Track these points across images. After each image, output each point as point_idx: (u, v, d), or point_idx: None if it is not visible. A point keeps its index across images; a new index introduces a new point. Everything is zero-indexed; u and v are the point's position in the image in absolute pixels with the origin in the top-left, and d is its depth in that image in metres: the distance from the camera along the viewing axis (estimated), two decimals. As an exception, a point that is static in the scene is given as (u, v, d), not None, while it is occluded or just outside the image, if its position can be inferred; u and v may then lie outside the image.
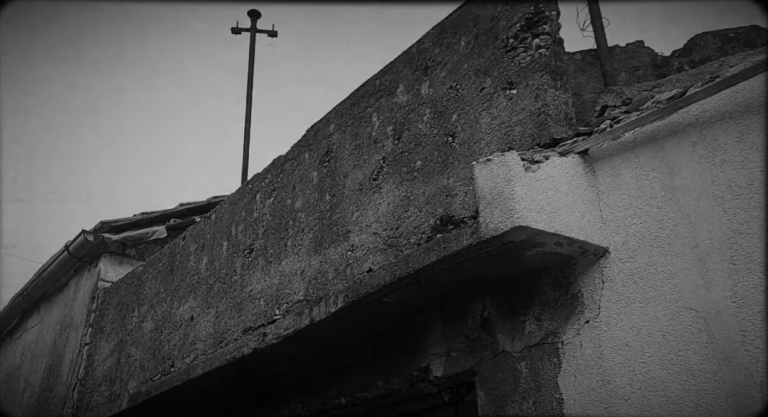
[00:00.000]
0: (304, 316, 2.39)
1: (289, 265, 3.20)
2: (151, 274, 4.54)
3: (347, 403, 2.51)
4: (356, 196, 2.89)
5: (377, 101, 2.93)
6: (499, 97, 2.29)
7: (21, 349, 6.17)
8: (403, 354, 2.31)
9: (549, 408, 1.74)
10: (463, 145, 2.40)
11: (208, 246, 3.99)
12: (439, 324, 2.20)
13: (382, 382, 2.37)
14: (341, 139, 3.11)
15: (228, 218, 3.89)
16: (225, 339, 3.47)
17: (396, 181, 2.68)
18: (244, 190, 3.83)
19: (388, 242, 2.64)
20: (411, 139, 2.66)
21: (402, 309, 2.22)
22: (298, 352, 2.59)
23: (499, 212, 1.69)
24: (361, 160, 2.92)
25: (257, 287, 3.38)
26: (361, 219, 2.82)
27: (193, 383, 2.98)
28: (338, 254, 2.88)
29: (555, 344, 1.78)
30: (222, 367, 2.76)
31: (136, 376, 4.20)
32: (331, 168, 3.12)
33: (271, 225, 3.45)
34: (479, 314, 2.06)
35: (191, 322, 3.86)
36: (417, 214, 2.52)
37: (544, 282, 1.86)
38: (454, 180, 2.40)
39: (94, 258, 5.32)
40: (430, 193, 2.49)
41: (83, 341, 4.97)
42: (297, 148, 3.45)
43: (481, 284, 2.03)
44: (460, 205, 2.34)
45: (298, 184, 3.34)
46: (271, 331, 2.54)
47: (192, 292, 3.97)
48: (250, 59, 5.84)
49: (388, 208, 2.67)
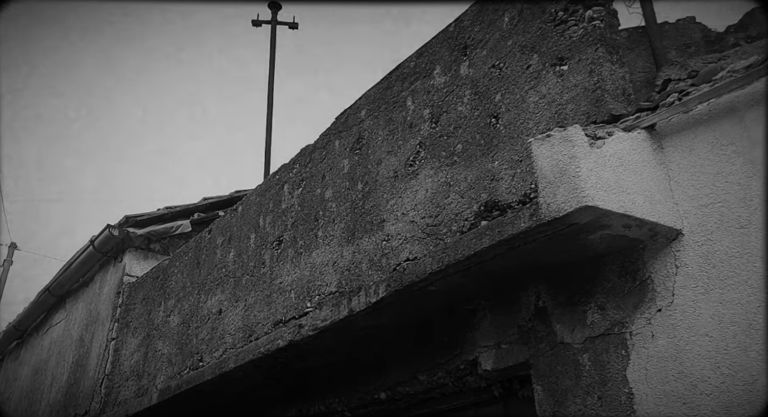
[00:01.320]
0: (342, 307, 2.26)
1: (320, 257, 3.08)
2: (177, 268, 4.45)
3: (387, 398, 2.38)
4: (391, 183, 2.75)
5: (412, 84, 2.78)
6: (548, 74, 2.13)
7: (48, 344, 6.14)
8: (448, 346, 2.16)
9: (617, 403, 1.59)
10: (509, 127, 2.24)
11: (236, 238, 3.88)
12: (488, 314, 2.06)
13: (424, 376, 2.23)
14: (373, 125, 2.97)
15: (255, 210, 3.78)
16: (255, 332, 3.35)
17: (434, 166, 2.53)
18: (271, 181, 3.71)
19: (427, 231, 2.50)
20: (450, 123, 2.52)
21: (448, 299, 2.07)
22: (335, 345, 2.46)
23: (563, 191, 1.54)
24: (395, 146, 2.78)
25: (287, 279, 3.26)
26: (396, 207, 2.68)
27: (224, 377, 2.86)
28: (372, 244, 2.74)
29: (622, 335, 1.62)
30: (255, 360, 2.64)
31: (164, 371, 4.11)
32: (363, 155, 2.98)
33: (300, 216, 3.33)
34: (533, 303, 1.91)
35: (219, 316, 3.76)
36: (458, 200, 2.37)
37: (607, 268, 1.71)
38: (499, 163, 2.25)
39: (119, 253, 5.25)
40: (472, 178, 2.34)
41: (110, 336, 4.90)
42: (326, 136, 3.31)
43: (535, 271, 1.88)
44: (506, 190, 2.18)
45: (327, 173, 3.21)
46: (308, 323, 2.41)
47: (220, 285, 3.86)
48: (271, 51, 5.72)
49: (427, 195, 2.53)
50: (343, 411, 2.62)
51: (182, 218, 5.35)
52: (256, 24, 6.05)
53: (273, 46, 5.74)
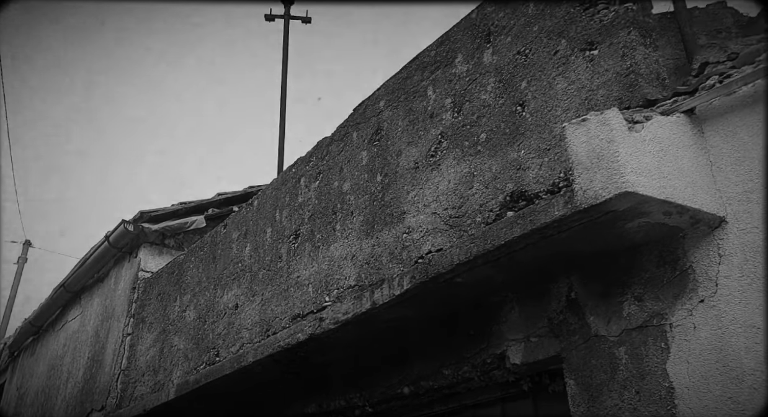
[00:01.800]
0: (364, 300, 2.21)
1: (338, 250, 3.03)
2: (193, 263, 4.42)
3: (410, 392, 2.32)
4: (411, 174, 2.69)
5: (432, 74, 2.72)
6: (577, 60, 2.06)
7: (63, 340, 6.14)
8: (474, 340, 2.10)
9: (656, 398, 1.52)
10: (535, 114, 2.17)
11: (252, 233, 3.84)
12: (516, 307, 1.99)
13: (449, 370, 2.17)
14: (392, 116, 2.91)
15: (271, 204, 3.73)
16: (272, 327, 3.31)
17: (457, 156, 2.47)
18: (288, 174, 3.66)
19: (450, 222, 2.44)
20: (473, 111, 2.45)
21: (474, 291, 2.01)
22: (356, 339, 2.40)
23: (601, 177, 1.47)
24: (415, 137, 2.72)
25: (304, 273, 3.22)
26: (417, 199, 2.62)
27: (243, 372, 2.82)
28: (392, 237, 2.68)
29: (661, 327, 1.55)
30: (274, 354, 2.59)
31: (180, 366, 4.08)
32: (381, 147, 2.92)
33: (318, 209, 3.28)
34: (565, 295, 1.84)
35: (236, 311, 3.72)
36: (483, 190, 2.31)
37: (645, 258, 1.64)
38: (525, 152, 2.18)
39: (133, 248, 5.23)
40: (497, 168, 2.28)
41: (125, 331, 4.88)
42: (343, 128, 3.26)
43: (567, 262, 1.81)
44: (533, 179, 2.12)
45: (345, 166, 3.16)
46: (329, 316, 2.36)
47: (236, 280, 3.82)
48: (284, 46, 5.68)
49: (449, 186, 2.46)
50: (364, 406, 2.57)
51: (196, 214, 5.32)
52: (269, 19, 6.00)
53: (286, 41, 5.70)
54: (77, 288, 5.94)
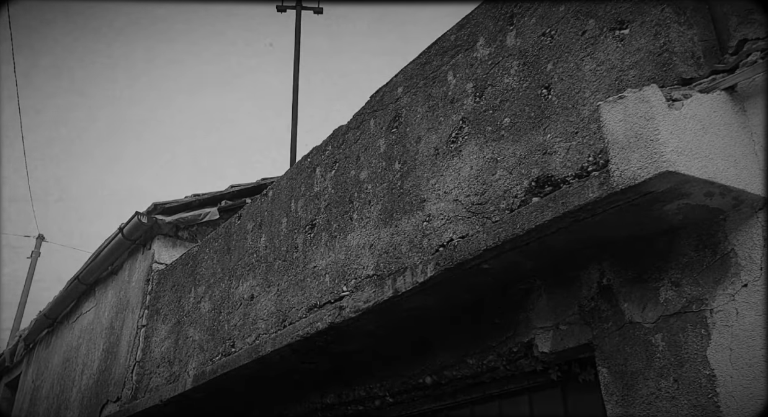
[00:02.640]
0: (386, 288, 2.15)
1: (355, 239, 2.98)
2: (207, 254, 4.39)
3: (433, 382, 2.27)
4: (431, 161, 2.63)
5: (453, 58, 2.65)
6: (606, 39, 1.99)
7: (78, 332, 6.15)
8: (500, 328, 2.05)
9: (696, 386, 1.46)
10: (562, 97, 2.10)
11: (266, 223, 3.80)
12: (544, 294, 1.93)
13: (474, 359, 2.12)
14: (411, 102, 2.85)
15: (286, 194, 3.69)
16: (288, 317, 3.27)
17: (479, 142, 2.41)
18: (303, 164, 3.61)
19: (472, 209, 2.37)
20: (496, 96, 2.38)
21: (501, 278, 1.95)
22: (377, 328, 2.35)
23: (639, 157, 1.40)
24: (435, 123, 2.66)
25: (321, 263, 3.17)
26: (438, 186, 2.56)
27: (261, 361, 2.78)
28: (412, 225, 2.63)
29: (701, 313, 1.49)
30: (293, 343, 2.55)
31: (196, 358, 4.06)
32: (400, 134, 2.86)
33: (334, 198, 3.23)
34: (596, 281, 1.78)
35: (251, 302, 3.69)
36: (506, 176, 2.25)
37: (683, 242, 1.57)
38: (552, 136, 2.11)
39: (147, 240, 5.21)
40: (522, 153, 2.21)
41: (140, 323, 4.87)
42: (360, 115, 3.20)
43: (599, 247, 1.75)
44: (560, 164, 2.05)
45: (362, 154, 3.10)
46: (349, 305, 2.31)
47: (251, 270, 3.79)
48: (296, 36, 5.62)
49: (471, 173, 2.40)
50: (384, 396, 2.52)
51: (209, 206, 5.30)
52: (280, 9, 5.94)
53: (298, 31, 5.65)
54: (91, 280, 5.94)
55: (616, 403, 1.62)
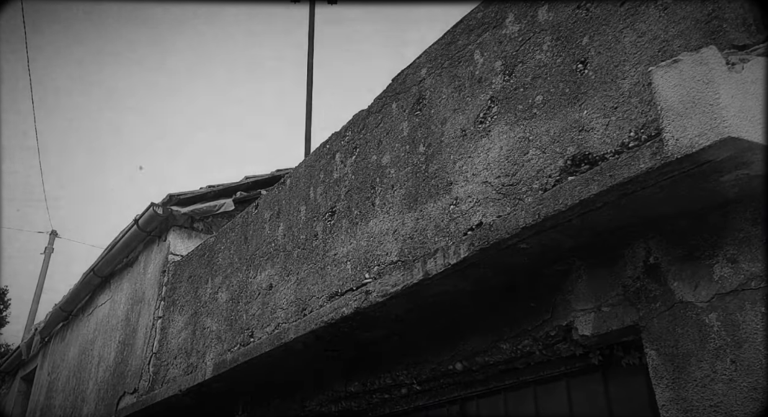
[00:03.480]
0: (416, 271, 2.07)
1: (378, 226, 2.90)
2: (224, 245, 4.33)
3: (464, 368, 2.19)
4: (458, 143, 2.54)
5: (479, 36, 2.56)
6: (648, 9, 1.89)
7: (93, 325, 6.13)
8: (536, 311, 1.96)
9: (756, 367, 1.37)
10: (599, 71, 2.01)
11: (284, 212, 3.73)
12: (584, 275, 1.85)
13: (507, 344, 2.03)
14: (435, 84, 2.76)
15: (305, 182, 3.62)
16: (309, 306, 3.20)
17: (509, 121, 2.32)
18: (322, 150, 3.54)
19: (503, 191, 2.29)
20: (527, 73, 2.29)
21: (538, 258, 1.87)
22: (405, 313, 2.27)
23: (697, 123, 1.31)
24: (462, 104, 2.57)
25: (342, 251, 3.10)
26: (465, 168, 2.47)
27: (283, 349, 2.71)
28: (438, 209, 2.55)
29: (761, 290, 1.40)
30: (317, 329, 2.48)
31: (213, 348, 4.01)
32: (424, 116, 2.78)
33: (355, 184, 3.15)
34: (642, 260, 1.69)
35: (270, 291, 3.62)
36: (540, 155, 2.16)
37: (738, 216, 1.48)
38: (588, 112, 2.02)
39: (162, 232, 5.17)
40: (556, 131, 2.12)
41: (156, 315, 4.83)
42: (381, 99, 3.12)
43: (646, 223, 1.66)
44: (599, 140, 1.96)
45: (384, 138, 3.02)
46: (376, 289, 2.23)
47: (269, 260, 3.72)
48: (310, 27, 5.55)
49: (501, 153, 2.32)
50: (412, 384, 2.44)
51: (224, 197, 5.24)
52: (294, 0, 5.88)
53: (312, 22, 5.57)
54: (106, 273, 5.91)
55: (667, 387, 1.53)
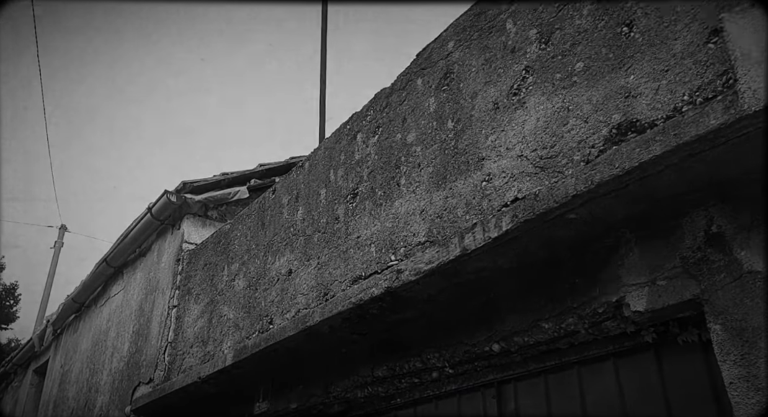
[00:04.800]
0: (452, 246, 1.97)
1: (403, 206, 2.79)
2: (240, 231, 4.24)
3: (501, 350, 2.08)
4: (490, 117, 2.43)
5: (511, 5, 2.44)
6: (703, -36, 1.77)
7: (107, 316, 6.07)
8: (582, 288, 1.85)
9: (840, 340, 1.26)
10: (647, 33, 1.89)
11: (303, 196, 3.63)
12: (635, 247, 1.73)
13: (550, 323, 1.93)
14: (464, 57, 2.65)
15: (324, 164, 3.51)
16: (331, 291, 3.10)
17: (546, 91, 2.20)
18: (342, 131, 3.43)
19: (540, 164, 2.17)
20: (565, 40, 2.17)
21: (586, 230, 1.75)
22: (438, 292, 2.17)
23: (778, 72, 1.20)
24: (494, 75, 2.45)
25: (365, 233, 2.99)
26: (498, 142, 2.36)
27: (308, 333, 2.62)
28: (469, 186, 2.44)
29: (844, 256, 1.29)
30: (344, 311, 2.38)
31: (231, 336, 3.92)
32: (452, 91, 2.67)
33: (378, 165, 3.04)
34: (703, 229, 1.57)
35: (289, 277, 3.53)
36: (581, 125, 2.04)
37: (816, 176, 1.37)
38: (635, 77, 1.90)
39: (176, 220, 5.08)
40: (599, 99, 2.00)
41: (171, 304, 4.75)
42: (405, 76, 3.01)
43: (707, 189, 1.54)
44: (647, 106, 1.84)
45: (409, 116, 2.91)
46: (408, 267, 2.13)
47: (288, 245, 3.62)
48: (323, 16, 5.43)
49: (538, 125, 2.20)
50: (443, 367, 2.34)
51: (238, 184, 5.15)
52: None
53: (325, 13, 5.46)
54: (119, 263, 5.83)
55: (735, 363, 1.42)
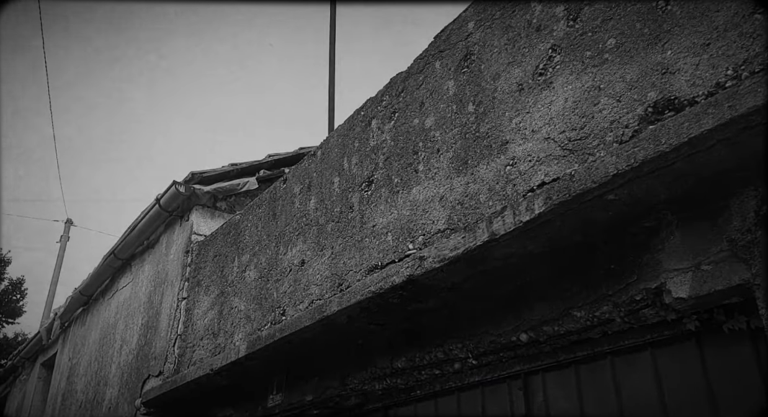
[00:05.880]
0: (480, 232, 1.88)
1: (422, 193, 2.70)
2: (251, 222, 4.16)
3: (529, 340, 2.00)
4: (514, 98, 2.33)
5: (537, -18, 2.34)
6: (748, -70, 1.66)
7: (114, 309, 6.01)
8: (618, 274, 1.76)
9: None
10: (686, 6, 1.78)
11: (316, 185, 3.54)
12: (677, 231, 1.64)
13: (582, 311, 1.84)
14: (485, 37, 2.54)
15: (337, 152, 3.42)
16: (345, 281, 3.02)
17: (575, 70, 2.10)
18: (356, 118, 3.34)
19: (569, 146, 2.07)
20: (595, 16, 2.07)
21: (624, 212, 1.66)
22: (463, 280, 2.08)
23: None
24: (518, 55, 2.35)
25: (381, 222, 2.90)
26: (523, 125, 2.26)
27: (324, 323, 2.53)
28: (492, 171, 2.34)
29: None
30: (362, 301, 2.29)
31: (242, 328, 3.85)
32: (473, 72, 2.57)
33: (394, 151, 2.95)
34: (753, 209, 1.48)
35: (302, 267, 3.44)
36: (613, 105, 1.94)
37: None
38: (673, 52, 1.80)
39: (185, 211, 5.00)
40: (633, 76, 1.90)
41: (180, 296, 4.68)
42: (422, 59, 2.91)
43: (757, 167, 1.45)
44: (687, 82, 1.74)
45: (427, 100, 2.81)
46: (431, 254, 2.04)
47: (300, 235, 3.54)
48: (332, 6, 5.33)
49: (566, 106, 2.10)
50: (467, 358, 2.25)
51: (247, 175, 5.06)
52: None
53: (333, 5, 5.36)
54: (127, 255, 5.77)
55: (791, 351, 1.33)
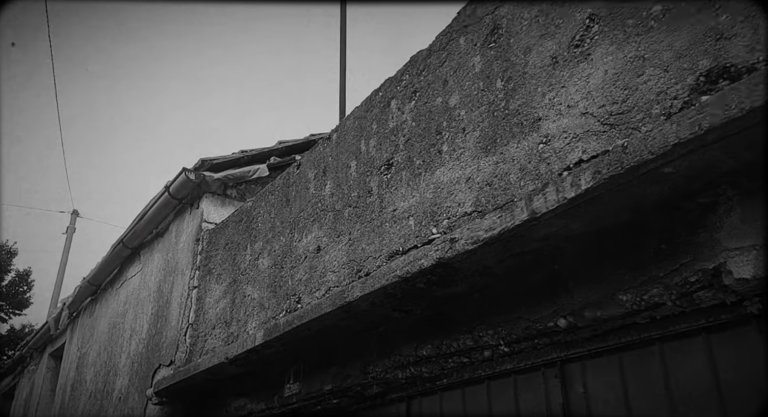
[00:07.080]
0: (518, 210, 1.75)
1: (446, 175, 2.57)
2: (263, 208, 4.04)
3: (568, 326, 1.88)
4: (547, 73, 2.19)
5: (572, -52, 2.20)
6: None
7: (124, 298, 5.91)
8: (669, 254, 1.63)
9: None
10: (743, -34, 1.65)
11: (331, 169, 3.42)
12: (738, 206, 1.51)
13: (629, 295, 1.71)
14: (514, 9, 2.40)
15: (354, 135, 3.29)
16: (364, 267, 2.90)
17: (616, 40, 1.96)
18: (374, 99, 3.20)
19: (610, 121, 1.94)
20: (639, -19, 1.93)
21: (681, 186, 1.53)
22: (497, 263, 1.96)
23: None
24: (551, 27, 2.21)
25: (402, 205, 2.78)
26: (558, 100, 2.13)
27: (345, 310, 2.42)
28: (524, 149, 2.21)
29: None
30: (388, 286, 2.17)
31: (256, 316, 3.74)
32: (500, 48, 2.43)
33: (416, 132, 2.82)
34: (828, 182, 1.36)
35: (318, 254, 3.33)
36: (660, 75, 1.80)
37: None
38: (728, 17, 1.66)
39: (194, 199, 4.89)
40: (682, 44, 1.76)
41: (191, 285, 4.57)
42: (446, 35, 2.77)
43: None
44: (744, 48, 1.60)
45: (451, 77, 2.68)
46: (464, 235, 1.91)
47: (316, 221, 3.42)
48: None
49: (606, 78, 1.96)
50: (498, 345, 2.13)
51: (258, 162, 4.94)
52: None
53: None
54: (136, 244, 5.66)
55: None
